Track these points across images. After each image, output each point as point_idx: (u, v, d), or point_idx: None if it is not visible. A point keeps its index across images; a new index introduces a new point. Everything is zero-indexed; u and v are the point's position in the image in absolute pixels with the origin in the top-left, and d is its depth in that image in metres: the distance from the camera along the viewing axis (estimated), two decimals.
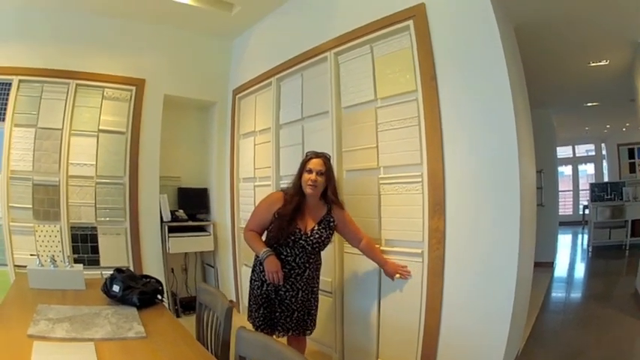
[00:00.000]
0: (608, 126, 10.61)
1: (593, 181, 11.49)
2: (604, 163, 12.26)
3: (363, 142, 3.14)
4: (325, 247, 2.65)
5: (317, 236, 2.55)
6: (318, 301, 2.73)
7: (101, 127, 4.25)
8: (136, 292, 2.20)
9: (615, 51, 4.36)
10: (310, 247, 2.54)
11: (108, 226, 4.28)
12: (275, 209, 2.56)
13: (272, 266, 2.45)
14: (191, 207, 4.97)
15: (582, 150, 13.39)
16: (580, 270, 7.24)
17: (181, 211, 4.81)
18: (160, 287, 2.39)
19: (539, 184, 6.14)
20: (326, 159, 2.62)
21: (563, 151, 12.65)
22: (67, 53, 4.15)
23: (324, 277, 2.91)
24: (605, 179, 11.48)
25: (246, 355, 1.46)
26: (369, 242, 2.81)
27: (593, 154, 13.04)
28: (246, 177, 4.58)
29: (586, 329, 3.91)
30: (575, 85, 5.80)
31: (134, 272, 2.54)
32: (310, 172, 2.54)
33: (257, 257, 2.61)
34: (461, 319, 2.51)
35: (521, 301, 2.69)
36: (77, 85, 4.17)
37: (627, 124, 10.10)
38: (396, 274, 2.79)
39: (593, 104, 7.20)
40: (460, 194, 2.54)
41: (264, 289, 2.56)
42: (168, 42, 4.66)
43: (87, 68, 4.20)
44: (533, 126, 3.28)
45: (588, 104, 7.24)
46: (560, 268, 6.98)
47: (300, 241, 2.52)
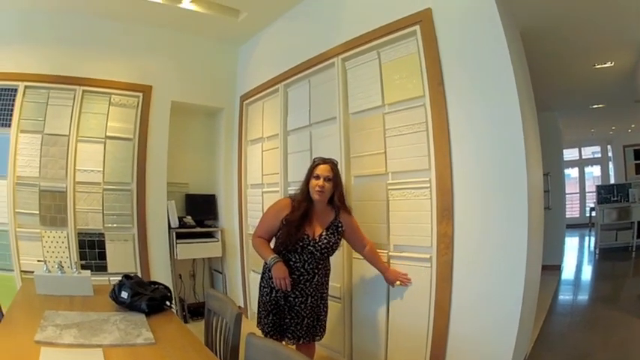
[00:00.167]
0: (613, 127, 10.58)
1: (600, 183, 11.45)
2: (610, 165, 12.22)
3: (371, 147, 3.14)
4: (334, 253, 2.65)
5: (325, 242, 2.55)
6: (327, 307, 2.73)
7: (108, 134, 4.26)
8: (144, 298, 2.20)
9: (620, 52, 4.36)
10: (319, 253, 2.54)
11: (115, 233, 4.27)
12: (283, 216, 2.56)
13: (280, 273, 2.45)
14: (199, 213, 4.97)
15: (588, 152, 13.34)
16: (587, 272, 7.21)
17: (189, 217, 4.81)
18: (169, 294, 2.39)
19: (546, 187, 6.10)
20: (333, 165, 2.62)
21: (569, 154, 12.61)
22: (73, 59, 4.16)
23: (333, 282, 2.91)
24: (612, 181, 11.42)
25: None
26: (373, 248, 2.83)
27: (599, 156, 12.99)
28: (254, 183, 4.58)
29: (593, 332, 3.89)
30: (580, 87, 5.80)
31: (142, 278, 2.55)
32: (318, 178, 2.54)
33: (266, 264, 2.61)
34: (469, 324, 2.50)
35: (529, 305, 2.68)
36: (84, 91, 4.17)
37: (633, 126, 10.08)
38: (397, 282, 2.81)
39: (599, 106, 7.20)
40: (468, 199, 2.53)
41: (273, 295, 2.56)
42: (174, 48, 4.67)
43: (93, 74, 4.21)
44: (540, 129, 3.29)
45: (594, 106, 7.23)
46: (568, 270, 6.95)
47: (309, 247, 2.52)
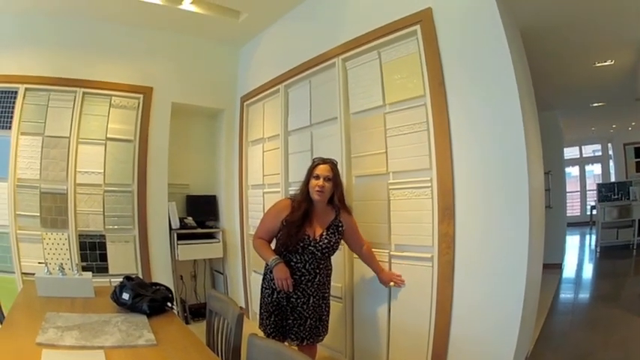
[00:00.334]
0: (614, 126, 10.57)
1: (600, 182, 11.44)
2: (611, 163, 12.21)
3: (371, 147, 3.14)
4: (334, 253, 2.66)
5: (326, 242, 2.55)
6: (329, 307, 2.73)
7: (109, 136, 4.26)
8: (145, 299, 2.20)
9: (620, 51, 4.35)
10: (320, 253, 2.55)
11: (116, 234, 4.27)
12: (283, 216, 2.56)
13: (281, 274, 2.46)
14: (200, 214, 4.97)
15: (589, 150, 13.32)
16: (588, 271, 7.21)
17: (190, 218, 4.81)
18: (170, 295, 2.39)
19: (547, 186, 6.10)
20: (333, 165, 2.62)
21: (570, 152, 12.59)
22: (74, 61, 4.16)
23: (334, 282, 2.90)
24: (612, 179, 11.40)
25: None
26: (369, 248, 2.85)
27: (600, 154, 12.98)
28: (255, 184, 4.57)
29: (594, 330, 3.89)
30: (581, 86, 5.79)
31: (143, 280, 2.55)
32: (317, 178, 2.55)
33: (267, 265, 2.61)
34: (470, 323, 2.50)
35: (531, 304, 2.68)
36: (84, 93, 4.17)
37: (633, 124, 10.06)
38: (390, 282, 2.83)
39: (599, 104, 7.18)
40: (469, 198, 2.53)
41: (275, 296, 2.57)
42: (175, 50, 4.67)
43: (94, 76, 4.20)
44: (541, 128, 3.27)
45: (594, 105, 7.22)
46: (569, 269, 6.95)
47: (310, 247, 2.52)
